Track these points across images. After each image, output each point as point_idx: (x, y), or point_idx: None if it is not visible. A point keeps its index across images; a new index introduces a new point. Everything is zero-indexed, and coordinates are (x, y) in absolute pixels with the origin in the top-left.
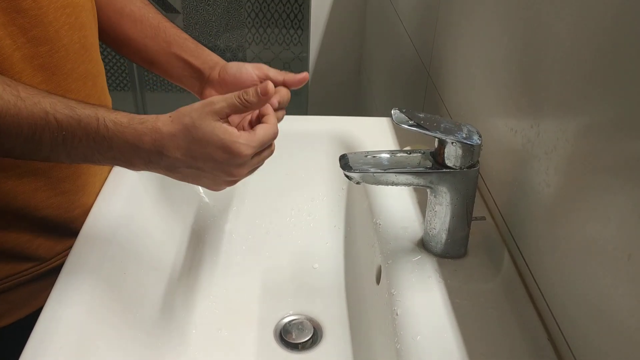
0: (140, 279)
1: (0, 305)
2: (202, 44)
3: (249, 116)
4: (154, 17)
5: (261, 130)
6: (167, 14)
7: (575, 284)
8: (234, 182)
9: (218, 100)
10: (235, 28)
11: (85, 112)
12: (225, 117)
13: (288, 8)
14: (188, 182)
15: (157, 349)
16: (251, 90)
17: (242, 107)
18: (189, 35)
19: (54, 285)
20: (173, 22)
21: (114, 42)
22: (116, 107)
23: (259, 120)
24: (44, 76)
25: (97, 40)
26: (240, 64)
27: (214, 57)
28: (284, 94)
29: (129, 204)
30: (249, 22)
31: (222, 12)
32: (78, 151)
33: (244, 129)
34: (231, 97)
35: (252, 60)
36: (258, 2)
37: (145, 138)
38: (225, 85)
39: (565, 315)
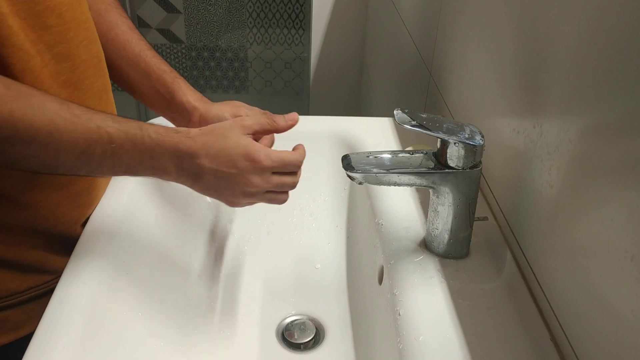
0: (141, 279)
1: (20, 315)
2: (203, 44)
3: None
4: (137, 43)
5: (285, 153)
6: (169, 14)
7: (578, 284)
8: (251, 195)
9: (248, 118)
10: (237, 28)
11: (130, 125)
12: (252, 133)
13: (289, 8)
14: (209, 193)
15: (159, 351)
16: (280, 116)
17: (270, 128)
18: (189, 35)
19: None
20: (174, 23)
21: None
22: (118, 108)
23: None
24: (67, 92)
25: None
26: (220, 112)
27: (189, 99)
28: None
29: (131, 202)
30: (250, 22)
31: (223, 12)
32: (123, 162)
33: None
34: (261, 117)
35: (254, 60)
36: (259, 2)
37: (181, 146)
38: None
39: (568, 315)
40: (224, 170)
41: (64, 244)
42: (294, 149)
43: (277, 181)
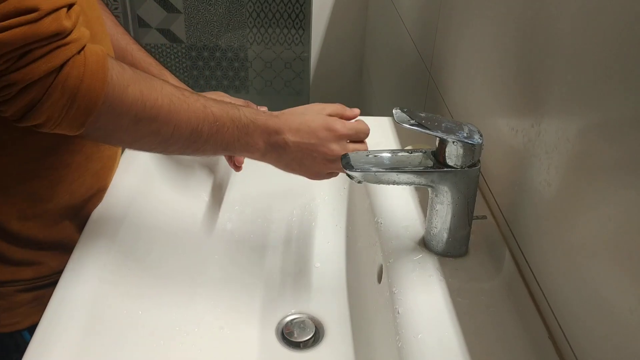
0: (142, 279)
1: None
2: (203, 44)
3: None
4: (122, 37)
5: (356, 122)
6: (169, 14)
7: (576, 282)
8: (332, 162)
9: (319, 103)
10: (237, 28)
11: (228, 106)
12: (326, 114)
13: (289, 8)
14: (292, 168)
15: (159, 348)
16: (347, 108)
17: (340, 113)
18: (189, 35)
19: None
20: (174, 23)
21: None
22: None
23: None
24: None
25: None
26: None
27: None
28: None
29: (132, 201)
30: (251, 22)
31: (223, 11)
32: (224, 139)
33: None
34: (335, 104)
35: (254, 60)
36: (259, 1)
37: (269, 123)
38: None
39: (566, 313)
40: (305, 141)
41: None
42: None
43: (352, 148)
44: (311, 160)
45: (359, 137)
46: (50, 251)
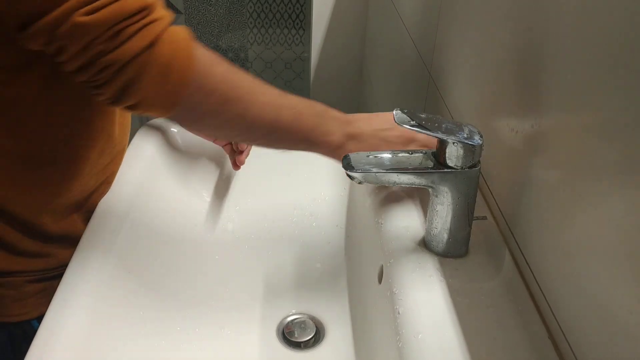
0: (142, 278)
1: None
2: (204, 44)
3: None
4: None
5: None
6: None
7: (576, 282)
8: (412, 143)
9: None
10: (237, 28)
11: (297, 95)
12: None
13: (290, 8)
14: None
15: (160, 347)
16: None
17: None
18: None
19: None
20: (175, 23)
21: None
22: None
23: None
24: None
25: None
26: None
27: None
28: None
29: (131, 202)
30: (251, 23)
31: (223, 12)
32: (303, 127)
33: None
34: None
35: (254, 60)
36: (260, 2)
37: (343, 117)
38: None
39: (566, 313)
40: (379, 127)
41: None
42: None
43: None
44: (388, 145)
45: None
46: (59, 243)
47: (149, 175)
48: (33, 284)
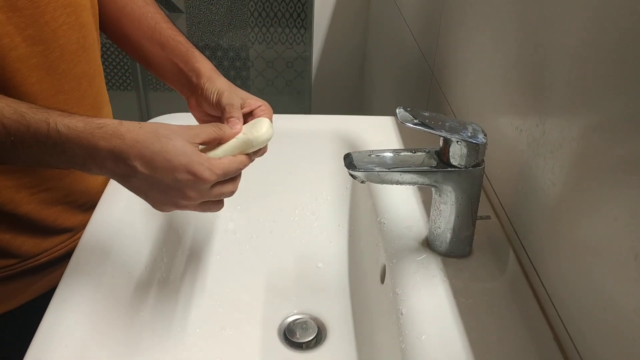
0: (143, 278)
1: None
2: (205, 43)
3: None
4: (152, 17)
5: (228, 161)
6: (171, 13)
7: (581, 283)
8: (184, 207)
9: (197, 127)
10: (239, 27)
11: (35, 118)
12: (200, 143)
13: (291, 7)
14: (135, 193)
15: (161, 348)
16: (226, 125)
17: (219, 137)
18: (191, 34)
19: (42, 281)
20: (175, 22)
21: (114, 37)
22: (119, 107)
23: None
24: (37, 76)
25: (98, 40)
26: (221, 88)
27: (203, 65)
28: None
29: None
30: (252, 21)
31: (225, 11)
32: (29, 156)
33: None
34: (209, 127)
35: (255, 59)
36: (261, 1)
37: (102, 143)
38: (205, 100)
39: (571, 314)
40: (158, 177)
41: (34, 227)
42: (254, 113)
43: (216, 192)
44: (160, 197)
45: (228, 177)
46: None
47: None
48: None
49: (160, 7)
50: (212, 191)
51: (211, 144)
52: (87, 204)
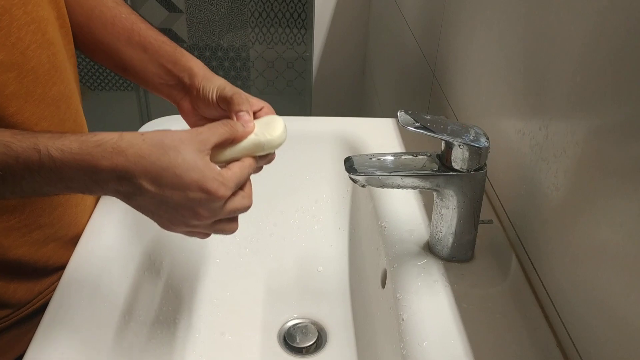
0: (143, 281)
1: None
2: (205, 43)
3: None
4: (127, 17)
5: (238, 168)
6: (171, 13)
7: (585, 289)
8: (194, 227)
9: (205, 130)
10: (239, 27)
11: (22, 146)
12: (211, 148)
13: (292, 7)
14: (141, 212)
15: (161, 354)
16: (238, 123)
17: (232, 136)
18: (191, 35)
19: (37, 327)
20: (175, 22)
21: (85, 47)
22: (119, 107)
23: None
24: (16, 106)
25: (73, 55)
26: (221, 86)
27: (195, 64)
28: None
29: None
30: (252, 22)
31: (225, 11)
32: (24, 188)
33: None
34: (220, 127)
35: (256, 60)
36: (261, 1)
37: (104, 163)
38: (203, 100)
39: (575, 320)
40: (168, 196)
41: (26, 270)
42: (256, 115)
43: (230, 208)
44: (168, 214)
45: (239, 187)
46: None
47: None
48: None
49: (160, 7)
50: (225, 208)
51: (222, 146)
52: (77, 237)
